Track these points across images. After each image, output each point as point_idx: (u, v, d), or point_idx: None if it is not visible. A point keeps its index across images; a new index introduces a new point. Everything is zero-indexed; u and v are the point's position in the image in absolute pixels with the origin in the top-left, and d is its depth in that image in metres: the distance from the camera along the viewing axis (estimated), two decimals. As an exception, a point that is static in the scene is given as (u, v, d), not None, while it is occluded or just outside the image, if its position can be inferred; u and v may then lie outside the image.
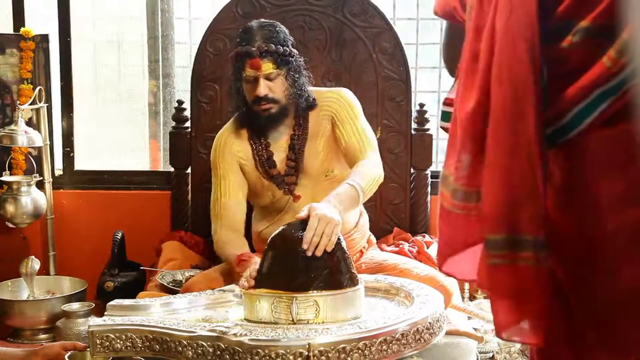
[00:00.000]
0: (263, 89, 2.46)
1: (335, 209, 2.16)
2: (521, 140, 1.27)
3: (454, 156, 1.40)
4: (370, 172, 2.43)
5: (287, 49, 2.50)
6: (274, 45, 2.46)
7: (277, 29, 2.52)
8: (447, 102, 1.54)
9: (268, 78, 2.47)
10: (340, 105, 2.59)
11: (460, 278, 1.52)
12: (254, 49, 2.45)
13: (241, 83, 2.52)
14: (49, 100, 3.34)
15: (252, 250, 2.72)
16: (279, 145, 2.60)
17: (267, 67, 2.46)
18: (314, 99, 2.58)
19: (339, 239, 2.06)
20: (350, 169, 2.48)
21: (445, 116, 1.54)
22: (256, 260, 2.20)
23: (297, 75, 2.52)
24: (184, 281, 2.70)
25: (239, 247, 2.45)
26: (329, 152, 2.59)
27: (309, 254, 2.01)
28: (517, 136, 1.27)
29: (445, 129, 1.50)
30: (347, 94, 2.64)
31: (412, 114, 3.16)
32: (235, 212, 2.57)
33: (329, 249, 2.02)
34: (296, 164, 2.57)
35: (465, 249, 1.41)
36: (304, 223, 2.10)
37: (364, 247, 2.72)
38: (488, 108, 1.31)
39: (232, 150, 2.61)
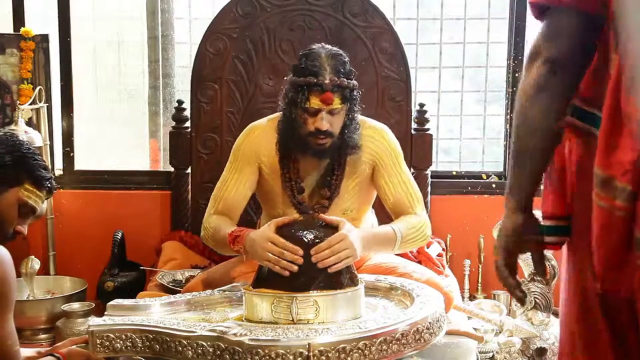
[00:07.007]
0: (325, 123, 2.29)
1: (362, 246, 2.14)
2: None
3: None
4: (416, 226, 2.38)
5: (355, 83, 2.34)
6: (345, 80, 2.30)
7: (346, 59, 2.34)
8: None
9: (331, 112, 2.30)
10: (384, 151, 2.45)
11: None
12: (326, 81, 2.27)
13: (298, 110, 2.33)
14: (49, 100, 3.34)
15: None
16: (310, 173, 2.46)
17: (336, 102, 2.28)
18: (359, 140, 2.41)
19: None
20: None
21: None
22: (250, 231, 2.19)
23: (356, 113, 2.38)
24: (183, 281, 2.70)
25: (229, 226, 2.34)
26: (358, 192, 2.48)
27: (314, 260, 2.01)
28: None
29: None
30: (389, 136, 2.49)
31: (412, 114, 3.16)
32: (236, 205, 2.45)
33: (331, 270, 2.02)
34: (329, 202, 2.44)
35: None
36: (306, 223, 2.10)
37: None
38: None
39: (258, 153, 2.46)
